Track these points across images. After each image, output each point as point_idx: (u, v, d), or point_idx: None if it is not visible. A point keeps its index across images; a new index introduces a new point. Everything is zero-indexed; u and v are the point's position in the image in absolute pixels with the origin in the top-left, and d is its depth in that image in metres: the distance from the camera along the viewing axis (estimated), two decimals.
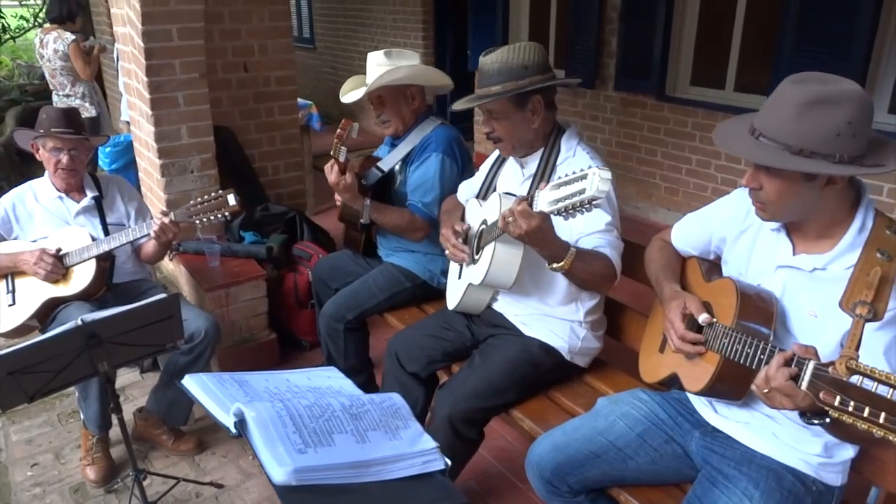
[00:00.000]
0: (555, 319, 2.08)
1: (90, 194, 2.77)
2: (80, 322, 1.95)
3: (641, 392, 1.77)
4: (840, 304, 1.30)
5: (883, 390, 0.99)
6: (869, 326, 1.31)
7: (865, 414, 1.00)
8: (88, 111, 5.35)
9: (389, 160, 2.60)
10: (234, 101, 3.75)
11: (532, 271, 2.00)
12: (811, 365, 1.15)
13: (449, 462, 1.33)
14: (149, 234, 2.55)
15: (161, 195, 3.40)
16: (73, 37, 5.19)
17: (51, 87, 5.56)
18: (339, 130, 2.31)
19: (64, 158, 2.63)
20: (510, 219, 1.67)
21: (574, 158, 1.99)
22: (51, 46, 5.27)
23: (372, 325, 2.82)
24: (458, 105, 2.06)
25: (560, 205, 1.53)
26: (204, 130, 3.36)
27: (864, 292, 1.27)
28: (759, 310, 1.45)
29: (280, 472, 1.13)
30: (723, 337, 1.45)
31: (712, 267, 1.74)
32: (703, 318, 1.51)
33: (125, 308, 2.06)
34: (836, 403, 1.04)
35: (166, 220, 2.52)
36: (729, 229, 1.65)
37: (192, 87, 3.24)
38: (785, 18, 4.22)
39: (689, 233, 1.80)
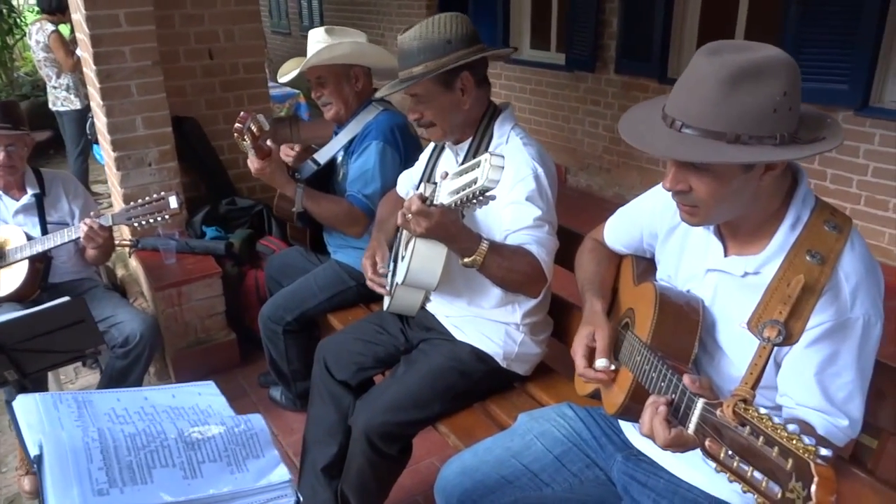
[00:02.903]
0: (489, 322, 1.88)
1: (30, 192, 2.64)
2: None
3: (568, 407, 1.56)
4: (747, 323, 1.07)
5: (768, 451, 0.77)
6: (798, 344, 1.08)
7: (748, 476, 0.78)
8: (73, 104, 5.28)
9: (326, 151, 2.41)
10: (199, 90, 3.58)
11: (464, 269, 1.79)
12: (699, 404, 0.93)
13: (299, 499, 1.14)
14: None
15: (119, 189, 3.27)
16: (53, 27, 5.11)
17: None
18: (236, 125, 2.09)
19: (1, 155, 2.51)
20: (408, 216, 1.48)
21: (507, 146, 1.78)
22: (34, 38, 5.21)
23: (324, 327, 2.64)
24: (381, 92, 1.88)
25: (456, 197, 1.33)
26: (161, 121, 3.20)
27: (778, 308, 1.04)
28: (680, 321, 1.23)
29: None
30: (636, 354, 1.23)
31: (648, 267, 1.51)
32: (599, 363, 1.31)
33: (23, 313, 1.93)
34: (721, 457, 0.82)
35: (94, 224, 2.38)
36: (659, 224, 1.42)
37: (146, 76, 3.08)
38: None
39: (620, 229, 1.57)
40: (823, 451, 0.73)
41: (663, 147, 1.12)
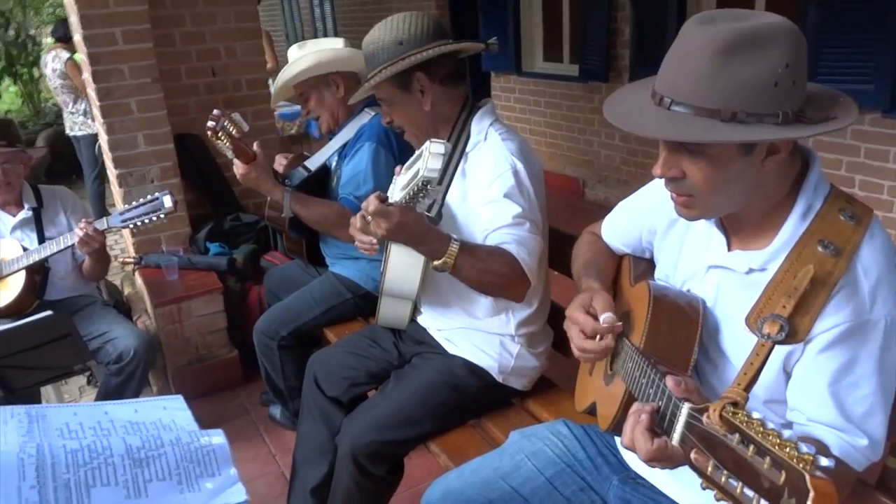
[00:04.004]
0: (482, 334, 1.77)
1: (28, 206, 2.62)
2: None
3: (563, 424, 1.43)
4: (745, 319, 0.94)
5: (759, 462, 0.65)
6: (809, 350, 0.95)
7: (737, 493, 0.66)
8: (90, 128, 5.32)
9: (318, 157, 2.34)
10: (202, 108, 3.55)
11: (453, 278, 1.68)
12: (684, 410, 0.81)
13: None
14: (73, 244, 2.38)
15: (121, 207, 3.23)
16: (69, 55, 5.18)
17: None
18: (209, 122, 2.01)
19: None
20: (368, 218, 1.39)
21: (485, 142, 1.68)
22: (50, 66, 5.29)
23: (323, 343, 2.55)
24: (352, 98, 1.83)
25: (405, 192, 1.25)
26: (162, 138, 3.18)
27: (782, 302, 0.91)
28: (677, 324, 1.11)
29: None
30: (628, 360, 1.11)
31: (647, 268, 1.39)
32: (604, 317, 1.15)
33: (5, 327, 1.87)
34: (709, 471, 0.70)
35: (88, 228, 2.35)
36: (657, 219, 1.31)
37: (146, 93, 3.06)
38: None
39: (618, 225, 1.46)
40: (824, 462, 0.61)
41: (650, 127, 1.01)
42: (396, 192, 1.43)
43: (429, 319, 1.86)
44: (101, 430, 1.18)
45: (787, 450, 0.62)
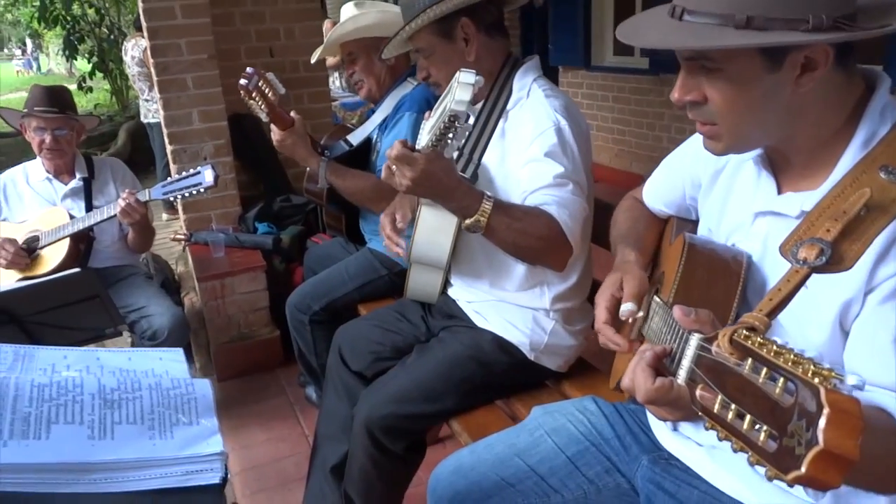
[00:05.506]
0: (514, 307, 1.63)
1: (79, 176, 2.67)
2: None
3: (591, 401, 1.28)
4: (780, 246, 0.78)
5: (770, 388, 0.50)
6: (869, 302, 0.78)
7: (743, 429, 0.51)
8: None
9: (361, 132, 2.26)
10: None
11: (485, 245, 1.55)
12: (694, 341, 0.65)
13: (226, 475, 0.94)
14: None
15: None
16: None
17: None
18: (241, 80, 1.94)
19: (47, 138, 2.54)
20: (393, 168, 1.27)
21: (527, 99, 1.54)
22: (129, 54, 5.47)
23: None
24: (386, 53, 1.71)
25: (431, 132, 1.12)
26: (216, 115, 3.19)
27: (826, 226, 0.74)
28: (714, 277, 0.95)
29: None
30: (655, 316, 0.96)
31: (690, 229, 1.23)
32: (623, 309, 1.01)
33: (32, 282, 1.88)
34: (715, 409, 0.55)
35: (130, 199, 2.36)
36: (701, 168, 1.14)
37: (202, 69, 3.08)
38: None
39: (660, 183, 1.29)
40: (853, 380, 0.45)
41: (654, 37, 0.87)
42: (423, 137, 1.30)
43: (459, 291, 1.74)
44: (88, 374, 1.12)
45: (804, 366, 0.47)
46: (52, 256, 2.49)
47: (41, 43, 23.21)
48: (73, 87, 7.48)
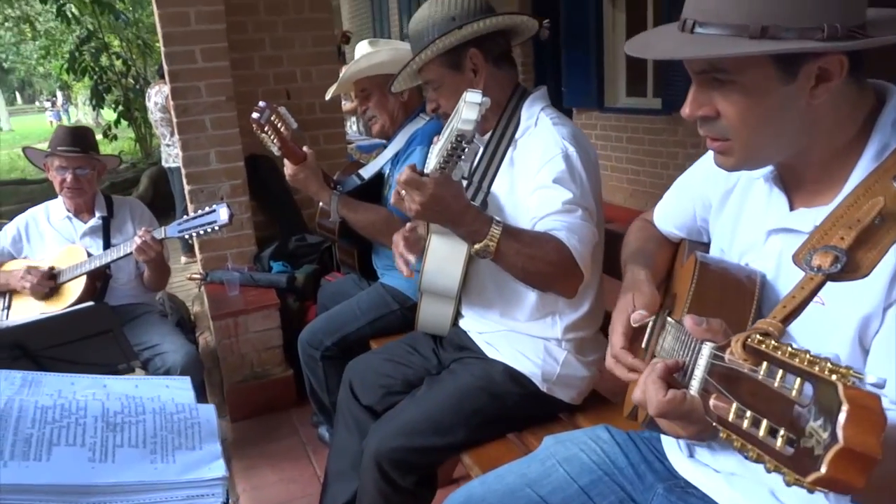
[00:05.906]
0: (525, 337, 1.61)
1: (98, 214, 2.71)
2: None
3: (604, 429, 1.24)
4: (794, 255, 0.76)
5: (786, 392, 0.48)
6: (891, 314, 0.76)
7: (759, 437, 0.48)
8: None
9: (373, 166, 2.28)
10: None
11: (496, 274, 1.55)
12: (706, 350, 0.63)
13: (227, 500, 0.92)
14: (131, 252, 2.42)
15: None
16: None
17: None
18: (253, 115, 1.98)
19: (68, 177, 2.60)
20: (402, 193, 1.28)
21: (535, 128, 1.55)
22: (153, 100, 5.62)
23: None
24: (395, 87, 1.72)
25: (441, 154, 1.13)
26: (233, 156, 3.24)
27: (840, 234, 0.72)
28: (726, 296, 0.93)
29: None
30: (668, 336, 0.94)
31: (699, 248, 1.21)
32: (634, 315, 0.99)
33: (46, 315, 1.89)
34: (730, 418, 0.53)
35: (147, 236, 2.39)
36: (711, 189, 1.13)
37: (220, 111, 3.15)
38: None
39: (670, 206, 1.29)
40: (873, 378, 0.43)
41: (666, 49, 0.87)
42: (431, 160, 1.31)
43: (470, 322, 1.72)
44: (94, 399, 1.11)
45: (820, 365, 0.44)
46: (69, 293, 2.51)
47: (69, 94, 23.97)
48: (99, 136, 7.70)
